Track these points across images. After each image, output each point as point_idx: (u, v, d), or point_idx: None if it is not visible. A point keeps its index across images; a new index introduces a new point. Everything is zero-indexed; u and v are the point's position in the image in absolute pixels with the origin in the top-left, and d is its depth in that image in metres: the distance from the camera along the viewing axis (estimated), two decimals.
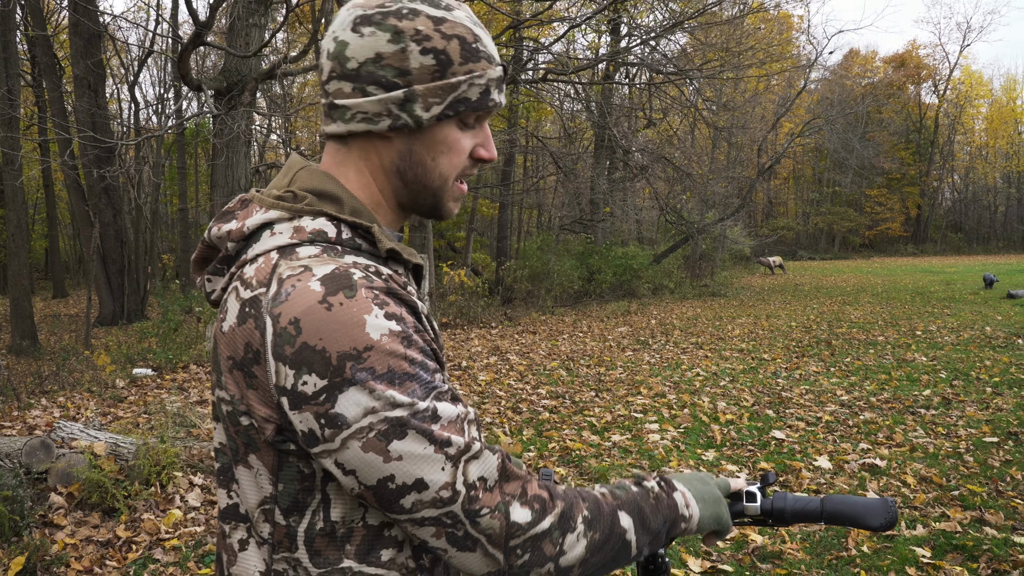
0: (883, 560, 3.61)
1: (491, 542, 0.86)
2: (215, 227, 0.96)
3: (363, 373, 0.80)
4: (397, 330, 0.84)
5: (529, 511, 0.88)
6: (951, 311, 14.37)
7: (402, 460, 0.82)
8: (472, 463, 0.85)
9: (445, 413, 0.85)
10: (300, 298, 0.82)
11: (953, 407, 6.61)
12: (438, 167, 0.98)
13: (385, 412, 0.81)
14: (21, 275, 13.67)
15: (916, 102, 53.93)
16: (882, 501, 1.12)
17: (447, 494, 0.84)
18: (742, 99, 22.29)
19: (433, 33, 0.92)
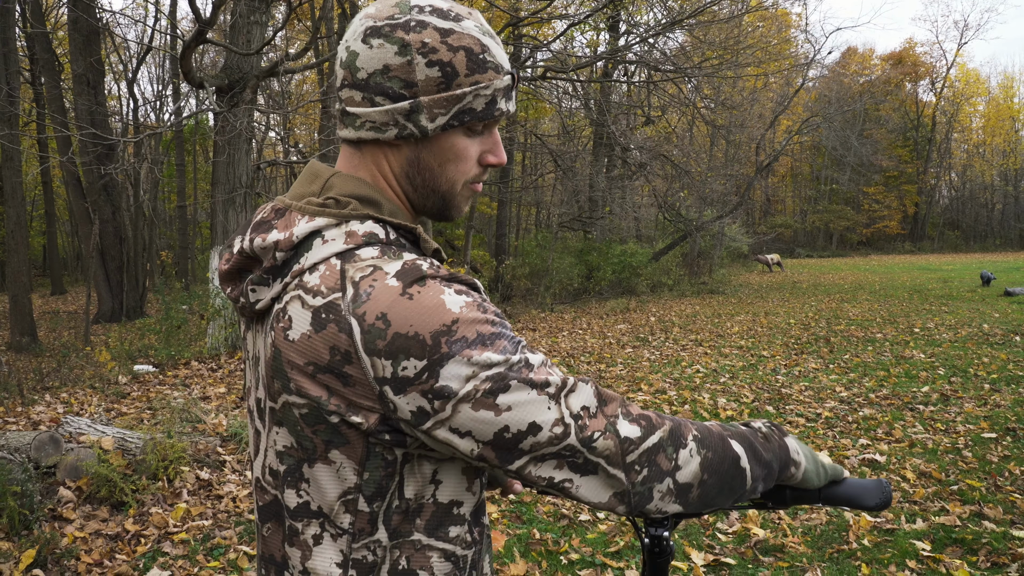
0: (884, 553, 3.65)
1: (610, 462, 0.93)
2: (257, 238, 0.97)
3: (457, 344, 0.86)
4: (472, 300, 0.89)
5: (637, 427, 0.95)
6: (949, 308, 14.43)
7: (512, 410, 0.88)
8: (572, 396, 0.91)
9: (535, 360, 0.91)
10: (382, 295, 0.87)
11: (951, 403, 6.67)
12: (445, 173, 1.01)
13: (484, 372, 0.87)
14: (20, 272, 13.68)
15: (913, 100, 54.03)
16: (877, 483, 1.15)
17: (560, 429, 0.90)
18: (740, 97, 22.33)
19: (439, 45, 0.94)
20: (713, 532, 3.96)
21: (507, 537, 3.88)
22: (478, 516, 1.04)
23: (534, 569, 3.54)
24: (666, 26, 16.04)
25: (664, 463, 0.95)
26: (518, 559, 3.62)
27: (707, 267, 24.23)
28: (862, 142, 43.45)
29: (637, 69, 21.24)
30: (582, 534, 3.94)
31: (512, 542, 3.82)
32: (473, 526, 1.02)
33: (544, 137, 21.50)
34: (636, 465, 0.94)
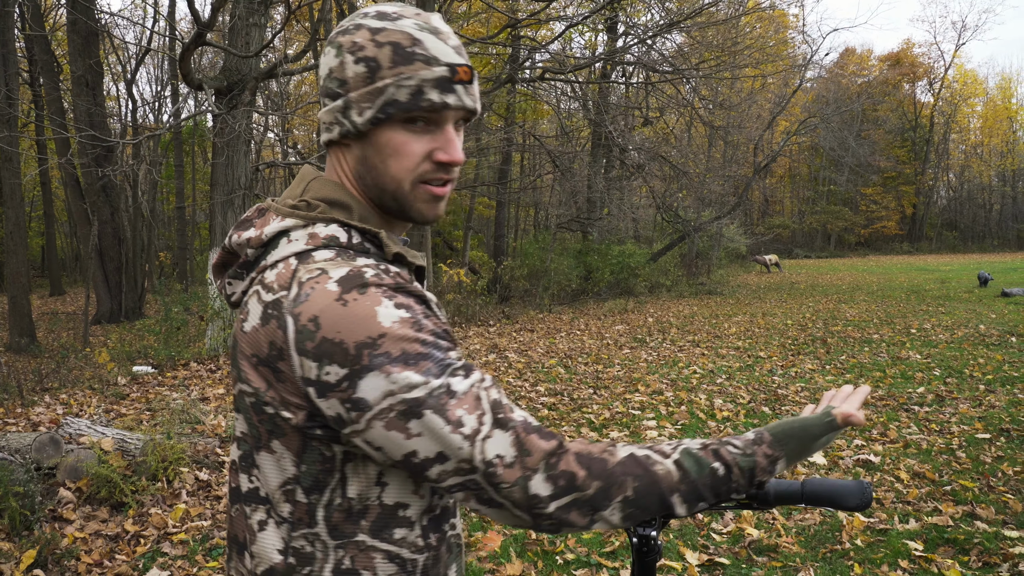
0: (876, 553, 3.69)
1: (516, 506, 0.92)
2: (235, 235, 1.03)
3: (380, 359, 0.87)
4: (407, 317, 0.90)
5: (552, 486, 0.92)
6: (946, 309, 14.48)
7: (422, 436, 0.88)
8: (487, 442, 0.90)
9: (459, 388, 0.90)
10: (318, 298, 0.90)
11: (947, 404, 6.71)
12: (389, 171, 1.01)
13: (402, 394, 0.87)
14: (19, 273, 13.70)
15: (911, 100, 54.12)
16: (858, 483, 1.19)
17: (467, 466, 0.90)
18: (738, 98, 22.38)
19: (368, 43, 0.97)
20: (708, 532, 4.00)
21: (503, 538, 3.91)
22: (438, 522, 1.05)
23: (530, 569, 3.57)
24: (664, 27, 16.09)
25: (576, 519, 0.94)
26: (514, 559, 3.66)
27: (705, 268, 24.28)
28: (860, 143, 43.51)
29: (635, 70, 21.29)
30: (577, 535, 3.97)
31: (508, 542, 3.86)
32: (429, 531, 1.03)
33: (543, 138, 21.53)
34: (543, 518, 0.93)
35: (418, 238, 13.78)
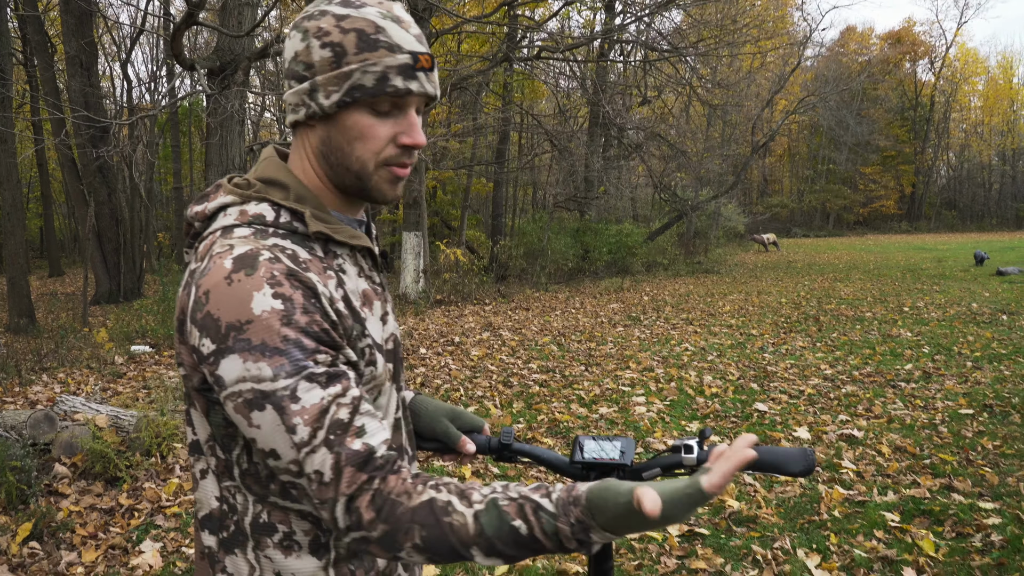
0: (852, 524, 3.78)
1: (329, 522, 0.96)
2: (191, 208, 1.10)
3: (241, 343, 0.91)
4: (279, 308, 0.92)
5: (348, 519, 0.94)
6: (940, 288, 14.55)
7: (260, 429, 0.93)
8: (311, 457, 0.92)
9: (306, 396, 0.92)
10: (214, 273, 0.95)
11: (933, 380, 6.79)
12: (354, 152, 1.05)
13: (251, 383, 0.91)
14: (17, 254, 13.75)
15: (912, 79, 53.87)
16: (802, 450, 1.25)
17: (295, 468, 0.93)
18: (736, 76, 22.30)
19: (333, 29, 1.01)
20: None
21: None
22: None
23: None
24: (662, 4, 16.02)
25: (376, 552, 0.96)
26: None
27: (703, 247, 24.32)
28: (859, 121, 43.40)
29: (633, 49, 21.22)
30: None
31: None
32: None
33: (540, 117, 21.50)
34: (340, 540, 1.00)
35: (415, 216, 13.82)
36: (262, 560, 1.03)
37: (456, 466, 4.71)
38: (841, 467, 4.58)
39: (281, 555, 1.03)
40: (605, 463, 1.36)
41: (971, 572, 3.27)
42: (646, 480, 1.33)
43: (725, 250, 27.38)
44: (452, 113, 20.31)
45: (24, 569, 3.30)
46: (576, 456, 1.39)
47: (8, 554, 3.38)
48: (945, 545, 3.51)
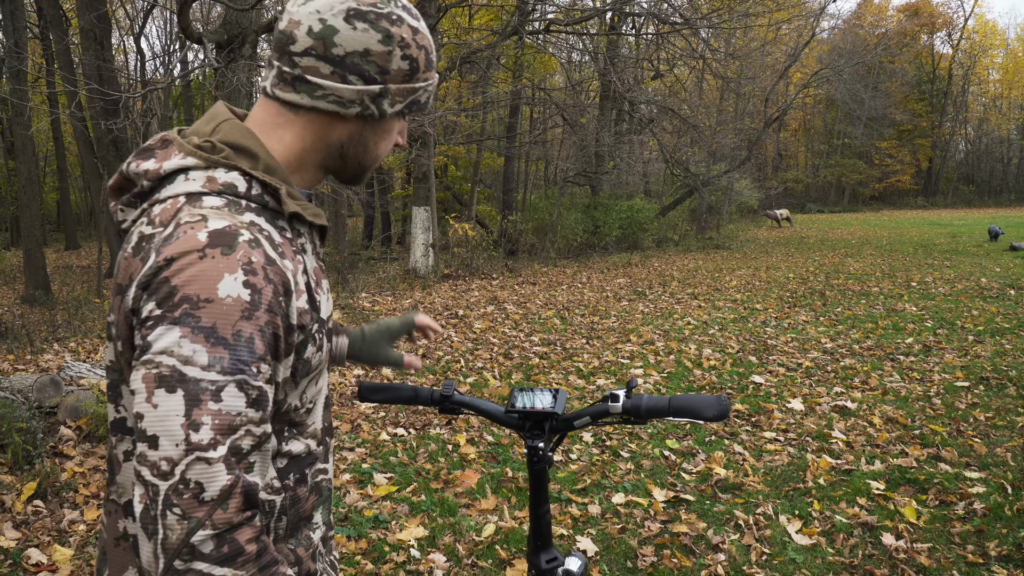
0: (837, 491, 3.84)
1: (164, 544, 0.83)
2: (134, 162, 1.01)
3: (188, 319, 0.85)
4: (245, 300, 0.88)
5: (215, 548, 0.83)
6: (951, 263, 14.48)
7: (156, 409, 0.84)
8: (199, 464, 0.83)
9: (229, 400, 0.85)
10: (183, 243, 0.88)
11: (933, 354, 6.81)
12: (377, 150, 1.11)
13: (175, 360, 0.84)
14: (33, 227, 13.93)
15: (929, 52, 53.06)
16: (716, 397, 1.33)
17: (165, 468, 0.83)
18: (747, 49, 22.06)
19: (412, 42, 1.04)
20: (678, 472, 4.16)
21: (480, 475, 4.09)
22: (299, 465, 1.07)
23: (503, 504, 3.75)
24: None
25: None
26: (489, 495, 3.84)
27: (715, 222, 24.22)
28: (875, 95, 42.87)
29: (645, 21, 21.03)
30: (553, 473, 4.15)
31: (485, 480, 4.04)
32: (288, 473, 1.05)
33: (551, 91, 21.40)
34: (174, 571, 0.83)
35: (424, 191, 13.87)
36: None
37: (451, 435, 4.81)
38: (831, 437, 4.64)
39: None
40: (538, 412, 1.45)
41: (950, 538, 3.34)
42: (577, 428, 1.43)
43: (737, 226, 27.25)
44: (463, 87, 20.26)
45: (28, 526, 3.43)
46: (512, 405, 1.47)
47: (13, 512, 3.51)
48: (927, 512, 3.58)
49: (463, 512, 3.67)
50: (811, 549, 3.28)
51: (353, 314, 8.83)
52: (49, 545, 3.28)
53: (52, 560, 3.17)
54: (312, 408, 1.12)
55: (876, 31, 50.08)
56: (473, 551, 3.29)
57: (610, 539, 3.39)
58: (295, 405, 1.07)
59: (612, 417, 1.41)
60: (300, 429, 1.09)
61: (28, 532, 3.39)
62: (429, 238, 13.74)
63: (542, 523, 1.51)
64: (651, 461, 4.32)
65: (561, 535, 3.42)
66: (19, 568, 3.11)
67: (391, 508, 3.71)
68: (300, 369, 1.03)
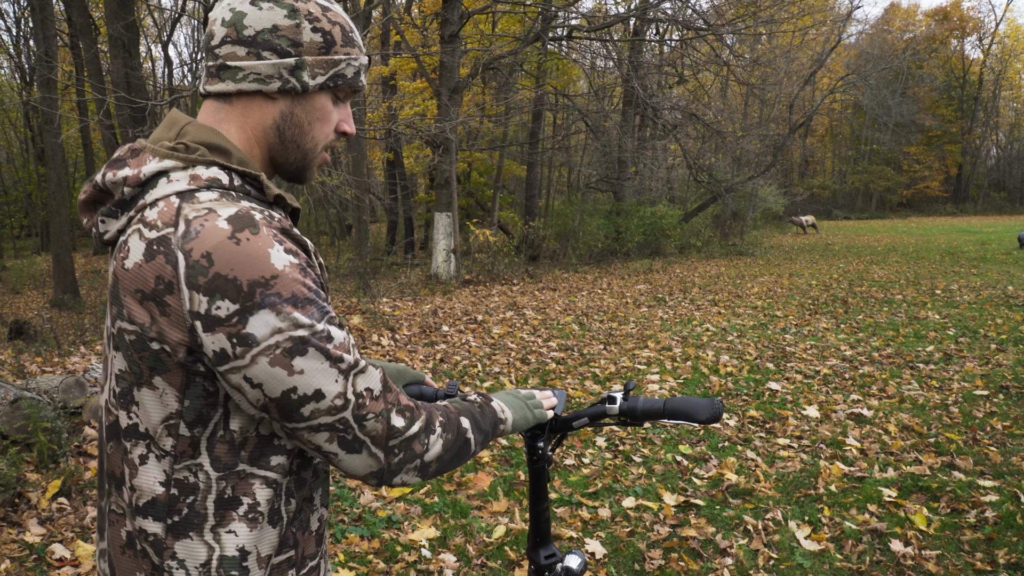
0: (848, 498, 3.85)
1: (375, 443, 1.04)
2: (109, 173, 1.05)
3: (272, 297, 0.94)
4: (296, 262, 0.97)
5: (403, 418, 1.06)
6: (978, 271, 14.31)
7: (303, 374, 0.96)
8: (360, 376, 1.02)
9: (336, 335, 1.00)
10: (210, 235, 0.94)
11: (953, 362, 6.76)
12: (312, 131, 1.13)
13: (290, 332, 0.95)
14: (62, 232, 14.19)
15: (959, 57, 52.41)
16: (709, 401, 1.37)
17: (340, 402, 0.99)
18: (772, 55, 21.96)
19: (322, 16, 1.09)
20: (690, 477, 4.18)
21: (492, 478, 4.14)
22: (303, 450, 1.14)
23: (514, 506, 3.80)
24: None
25: (418, 447, 1.08)
26: (501, 497, 3.89)
27: (738, 229, 24.10)
28: (904, 100, 42.41)
29: (668, 28, 21.03)
30: (565, 477, 4.19)
31: (497, 482, 4.09)
32: (296, 456, 1.11)
33: (574, 97, 21.43)
34: (396, 449, 1.06)
35: (446, 196, 13.96)
36: (223, 538, 1.03)
37: None
38: (845, 444, 4.63)
39: (246, 528, 1.04)
40: None
41: (960, 546, 3.33)
42: (576, 428, 1.47)
43: (762, 232, 27.08)
44: (486, 94, 20.36)
45: (52, 523, 3.53)
46: None
47: (38, 508, 3.61)
48: (938, 520, 3.57)
49: (475, 514, 3.72)
50: (819, 555, 3.29)
51: (374, 319, 8.92)
52: (72, 541, 3.37)
53: (75, 556, 3.26)
54: None
55: (905, 36, 49.59)
56: (483, 552, 3.34)
57: (619, 542, 3.42)
58: None
59: (609, 418, 1.45)
60: None
61: (52, 528, 3.49)
62: (451, 244, 13.82)
63: (541, 520, 1.55)
64: (663, 466, 4.34)
65: (570, 537, 3.45)
66: (43, 563, 3.21)
67: (404, 509, 3.77)
68: None
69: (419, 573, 3.17)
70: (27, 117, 27.80)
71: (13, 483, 3.65)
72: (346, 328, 1.04)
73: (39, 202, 29.36)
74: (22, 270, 20.02)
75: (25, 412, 4.13)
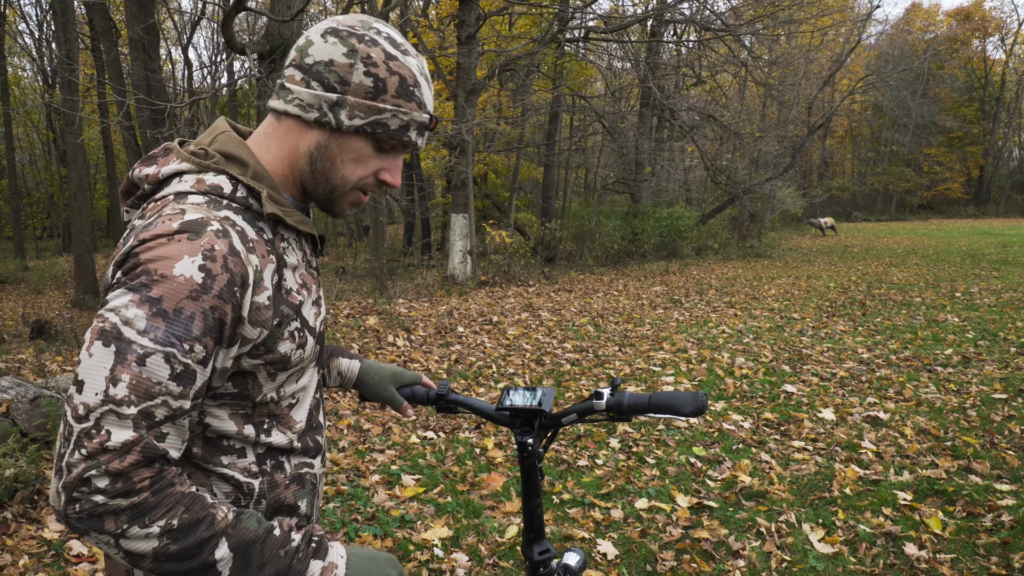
0: (862, 501, 3.82)
1: (65, 480, 0.92)
2: (138, 169, 1.13)
3: (139, 287, 0.95)
4: (196, 283, 0.96)
5: (110, 484, 0.92)
6: (999, 274, 14.16)
7: (90, 358, 0.94)
8: (111, 416, 0.92)
9: (152, 367, 0.94)
10: (158, 228, 0.99)
11: (972, 366, 6.69)
12: (343, 169, 1.15)
13: (118, 319, 0.94)
14: (83, 232, 14.36)
15: (981, 57, 51.83)
16: (693, 394, 1.37)
17: (82, 412, 0.92)
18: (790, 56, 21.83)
19: (381, 64, 1.10)
20: (703, 479, 4.17)
21: (505, 478, 4.15)
22: (275, 456, 1.17)
23: None
24: None
25: (110, 525, 0.93)
26: (514, 498, 3.90)
27: (756, 230, 23.96)
28: (924, 101, 42.01)
29: (686, 29, 20.96)
30: (578, 477, 4.19)
31: (510, 483, 4.10)
32: (265, 460, 1.15)
33: (591, 98, 21.41)
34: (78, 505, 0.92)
35: (463, 198, 13.98)
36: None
37: (479, 439, 4.88)
38: (861, 447, 4.61)
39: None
40: (526, 409, 1.52)
41: (975, 550, 3.31)
42: (564, 425, 1.48)
43: (780, 234, 26.90)
44: (502, 95, 20.39)
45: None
46: (502, 403, 1.54)
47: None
48: (953, 524, 3.54)
49: (487, 514, 3.73)
50: (832, 558, 3.27)
51: (390, 319, 8.95)
52: None
53: (92, 552, 3.31)
54: (296, 405, 1.21)
55: (925, 36, 49.14)
56: (495, 551, 3.35)
57: (631, 543, 3.42)
58: (272, 398, 1.15)
59: (597, 414, 1.46)
60: (283, 422, 1.18)
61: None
62: (467, 245, 13.85)
63: (534, 516, 1.57)
64: (676, 467, 4.34)
65: (583, 538, 3.46)
66: (61, 559, 3.25)
67: (417, 508, 3.79)
68: (277, 363, 1.11)
69: (432, 572, 3.19)
70: (49, 119, 28.17)
71: (32, 480, 3.70)
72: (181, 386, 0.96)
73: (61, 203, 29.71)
74: (44, 270, 20.25)
75: (44, 410, 4.18)
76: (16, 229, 25.01)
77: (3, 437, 3.95)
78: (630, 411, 1.42)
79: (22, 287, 18.69)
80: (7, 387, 4.43)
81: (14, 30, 27.48)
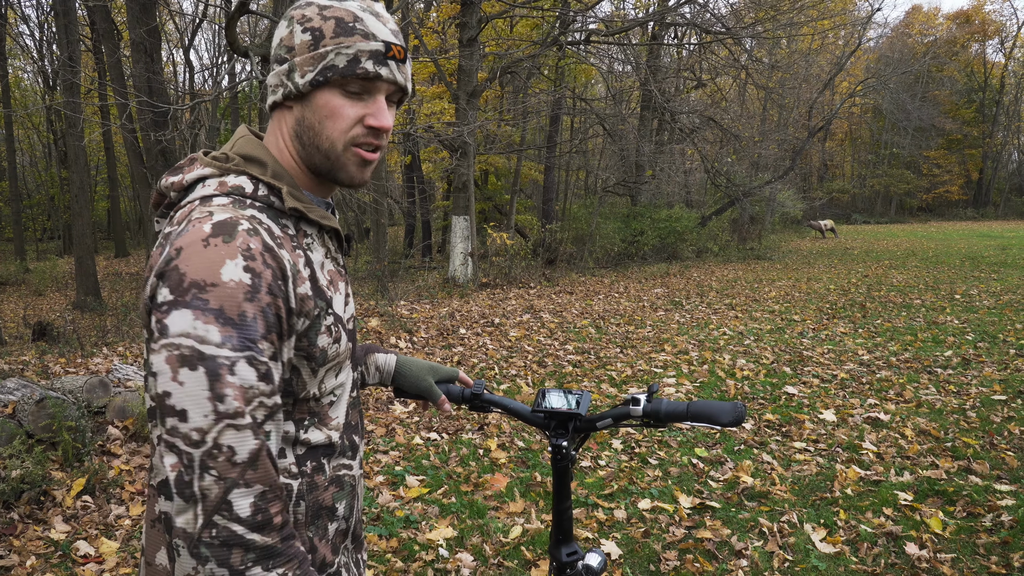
0: (863, 501, 3.85)
1: (202, 507, 0.92)
2: (165, 179, 1.15)
3: (198, 302, 0.94)
4: (247, 284, 0.97)
5: (251, 510, 0.93)
6: (998, 276, 14.19)
7: (182, 387, 0.93)
8: (230, 431, 0.93)
9: (242, 374, 0.95)
10: (191, 234, 0.99)
11: (972, 367, 6.72)
12: (324, 131, 1.12)
13: (193, 341, 0.93)
14: (85, 235, 14.39)
15: (980, 60, 51.87)
16: (732, 404, 1.38)
17: (197, 437, 0.92)
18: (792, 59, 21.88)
19: (315, 16, 1.11)
20: (706, 480, 4.20)
21: (509, 479, 4.18)
22: (316, 456, 1.16)
23: (531, 507, 3.83)
24: None
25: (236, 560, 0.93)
26: (518, 498, 3.92)
27: (756, 233, 24.00)
28: (923, 104, 42.06)
29: (687, 32, 21.00)
30: (581, 479, 4.22)
31: (514, 484, 4.12)
32: (305, 460, 1.15)
33: (591, 100, 21.46)
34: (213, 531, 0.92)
35: (464, 200, 14.02)
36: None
37: (483, 440, 4.91)
38: (862, 448, 4.63)
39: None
40: (562, 412, 1.53)
41: (975, 549, 3.33)
42: (599, 429, 1.50)
43: (780, 236, 26.93)
44: (503, 98, 20.43)
45: (77, 520, 3.60)
46: (538, 405, 1.55)
47: (63, 506, 3.69)
48: (953, 524, 3.57)
49: (491, 514, 3.76)
50: (834, 557, 3.30)
51: (392, 321, 8.98)
52: (96, 538, 3.44)
53: (99, 552, 3.33)
54: (335, 402, 1.21)
55: (925, 39, 49.19)
56: (500, 552, 3.37)
57: (634, 543, 3.45)
58: (314, 394, 1.15)
59: (633, 419, 1.46)
60: (321, 420, 1.17)
61: (77, 525, 3.56)
62: (468, 247, 13.88)
63: (564, 518, 1.58)
64: (679, 468, 4.36)
65: (586, 538, 3.48)
66: (68, 559, 3.28)
67: (422, 509, 3.82)
68: (317, 357, 1.12)
69: (436, 572, 3.22)
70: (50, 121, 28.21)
71: (39, 481, 3.73)
72: (267, 383, 0.99)
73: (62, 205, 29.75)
74: (45, 272, 20.28)
75: (50, 411, 4.22)
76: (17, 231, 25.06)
77: (9, 438, 3.98)
78: (667, 418, 1.42)
79: (23, 289, 18.74)
80: (13, 389, 4.46)
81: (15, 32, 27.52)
